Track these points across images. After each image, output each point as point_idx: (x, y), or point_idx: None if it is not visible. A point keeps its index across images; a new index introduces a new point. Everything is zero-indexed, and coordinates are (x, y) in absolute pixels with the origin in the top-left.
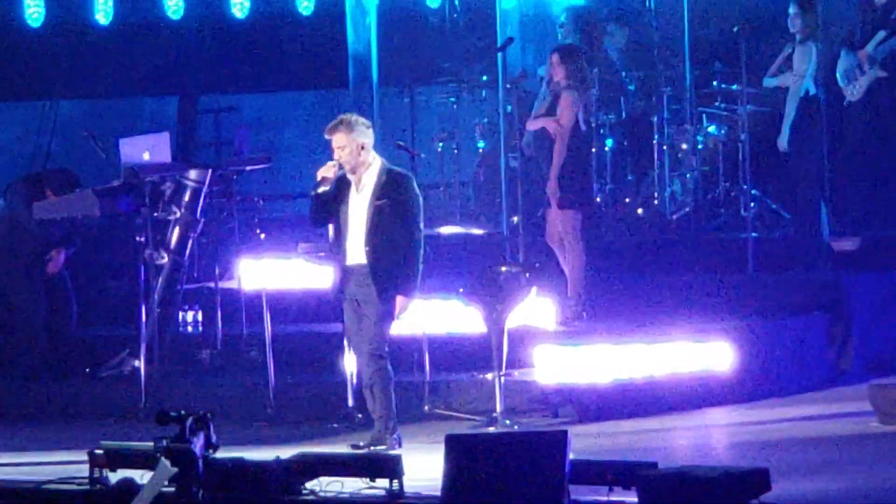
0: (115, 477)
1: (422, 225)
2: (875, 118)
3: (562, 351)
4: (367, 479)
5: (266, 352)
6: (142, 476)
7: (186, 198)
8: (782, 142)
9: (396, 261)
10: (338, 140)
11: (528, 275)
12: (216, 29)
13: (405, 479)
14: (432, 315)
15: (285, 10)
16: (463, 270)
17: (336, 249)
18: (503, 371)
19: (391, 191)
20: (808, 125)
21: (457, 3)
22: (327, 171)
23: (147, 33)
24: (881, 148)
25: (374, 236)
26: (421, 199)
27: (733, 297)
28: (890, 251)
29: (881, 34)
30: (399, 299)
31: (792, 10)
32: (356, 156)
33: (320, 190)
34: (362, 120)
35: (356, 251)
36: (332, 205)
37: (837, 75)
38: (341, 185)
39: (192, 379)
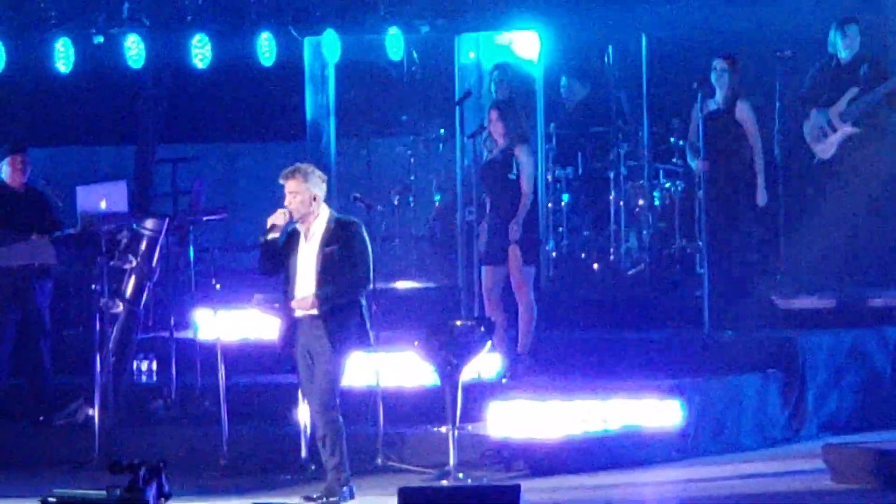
0: None
1: (371, 273)
2: (847, 176)
3: (515, 405)
4: None
5: (220, 402)
6: None
7: (143, 247)
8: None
9: (348, 310)
10: (291, 186)
11: (482, 329)
12: (176, 78)
13: None
14: (387, 367)
15: (246, 61)
16: (418, 324)
17: (286, 301)
18: (457, 425)
19: (340, 237)
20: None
21: (416, 56)
22: (277, 219)
23: (107, 82)
24: (854, 205)
25: (325, 285)
26: (370, 244)
27: (688, 353)
28: (848, 310)
29: (853, 91)
30: (353, 350)
31: (720, 64)
32: (307, 205)
33: (269, 237)
34: (318, 172)
35: None
36: (281, 255)
37: (805, 134)
38: (291, 237)
39: (145, 428)
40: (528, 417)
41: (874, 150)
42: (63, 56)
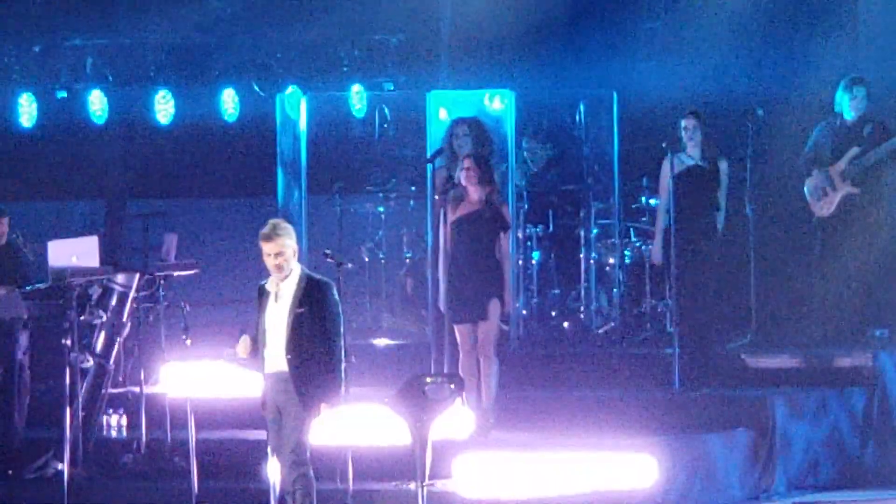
0: None
1: (343, 331)
2: (845, 234)
3: (482, 462)
4: None
5: (190, 458)
6: None
7: (113, 302)
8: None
9: (318, 369)
10: (278, 245)
11: (452, 385)
12: (141, 134)
13: None
14: (357, 424)
15: (211, 116)
16: (389, 380)
17: (255, 357)
18: (426, 482)
19: (311, 298)
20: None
21: (387, 113)
22: (241, 352)
23: (71, 137)
24: (839, 266)
25: (295, 344)
26: (340, 305)
27: (658, 412)
28: (816, 370)
29: (854, 150)
30: (323, 407)
31: (689, 122)
32: (292, 260)
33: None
34: (289, 225)
35: (276, 359)
36: (252, 353)
37: (805, 191)
38: (261, 294)
39: (114, 483)
40: (497, 474)
41: (871, 211)
42: (27, 111)
